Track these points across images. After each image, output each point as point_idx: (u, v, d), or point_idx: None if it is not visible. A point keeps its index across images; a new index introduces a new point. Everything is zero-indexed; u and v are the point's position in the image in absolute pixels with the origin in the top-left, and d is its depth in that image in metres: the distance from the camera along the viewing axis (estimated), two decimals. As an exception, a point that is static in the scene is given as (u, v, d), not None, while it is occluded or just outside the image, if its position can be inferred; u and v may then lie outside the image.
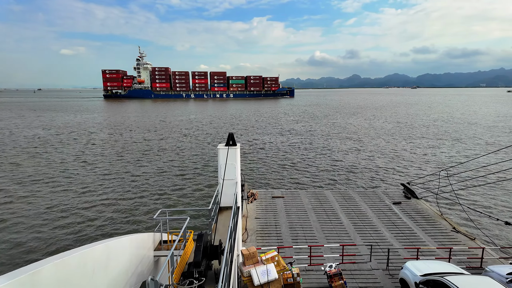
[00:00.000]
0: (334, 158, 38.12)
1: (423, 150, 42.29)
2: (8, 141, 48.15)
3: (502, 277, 9.89)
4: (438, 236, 15.28)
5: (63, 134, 55.79)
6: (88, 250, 5.97)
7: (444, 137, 52.35)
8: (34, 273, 4.55)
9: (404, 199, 20.17)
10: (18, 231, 18.98)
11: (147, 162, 36.31)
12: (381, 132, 57.94)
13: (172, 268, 6.68)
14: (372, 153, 40.63)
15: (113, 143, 48.12)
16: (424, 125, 67.02)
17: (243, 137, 53.27)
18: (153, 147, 44.79)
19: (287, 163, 35.62)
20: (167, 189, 26.92)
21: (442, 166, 32.34)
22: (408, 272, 10.68)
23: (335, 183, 28.75)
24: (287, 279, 10.06)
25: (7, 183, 27.74)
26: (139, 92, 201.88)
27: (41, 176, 29.99)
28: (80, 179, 29.40)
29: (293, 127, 67.05)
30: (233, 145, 11.64)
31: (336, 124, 71.77)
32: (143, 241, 8.73)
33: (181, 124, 70.88)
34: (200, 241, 7.59)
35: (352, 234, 15.43)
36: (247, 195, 19.99)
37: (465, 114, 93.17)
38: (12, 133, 56.92)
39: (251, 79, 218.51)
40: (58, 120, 78.37)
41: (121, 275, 7.19)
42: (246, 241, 14.67)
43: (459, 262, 12.65)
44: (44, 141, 48.59)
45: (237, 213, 10.52)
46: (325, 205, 19.04)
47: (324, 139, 51.24)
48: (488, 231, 18.63)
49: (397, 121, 74.95)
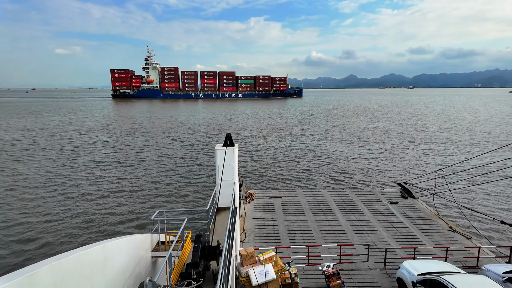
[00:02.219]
0: (332, 158, 38.23)
1: (420, 150, 42.53)
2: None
3: (498, 276, 9.96)
4: (434, 236, 15.38)
5: (56, 136, 55.47)
6: (86, 251, 5.95)
7: (443, 137, 52.70)
8: (31, 275, 4.54)
9: (401, 198, 20.26)
10: (14, 233, 18.84)
11: (145, 162, 36.20)
12: (380, 133, 58.19)
13: (170, 269, 6.68)
14: (370, 153, 40.80)
15: (111, 143, 47.93)
16: (428, 126, 67.19)
17: (243, 138, 53.27)
18: (153, 147, 44.66)
19: (286, 163, 35.68)
20: (165, 189, 26.84)
21: (439, 166, 32.53)
22: (405, 272, 10.73)
23: (333, 183, 28.83)
24: (285, 279, 10.07)
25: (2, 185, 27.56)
26: (148, 92, 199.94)
27: (35, 178, 29.81)
28: (76, 180, 29.24)
29: (293, 128, 67.16)
30: (231, 146, 11.64)
31: (335, 125, 71.93)
32: (141, 242, 8.72)
33: (184, 124, 70.76)
34: (198, 241, 7.60)
35: (350, 234, 15.48)
36: (245, 195, 20.00)
37: (473, 114, 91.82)
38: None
39: (260, 79, 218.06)
40: (47, 122, 77.76)
41: (119, 277, 7.17)
42: (244, 242, 14.67)
43: (456, 261, 12.73)
44: (27, 145, 48.25)
45: (235, 214, 10.52)
46: (322, 205, 19.09)
47: (322, 140, 51.36)
48: (484, 230, 18.78)
49: (399, 122, 74.67)
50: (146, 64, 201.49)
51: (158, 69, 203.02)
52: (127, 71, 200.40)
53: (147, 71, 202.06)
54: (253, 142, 48.86)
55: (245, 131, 60.76)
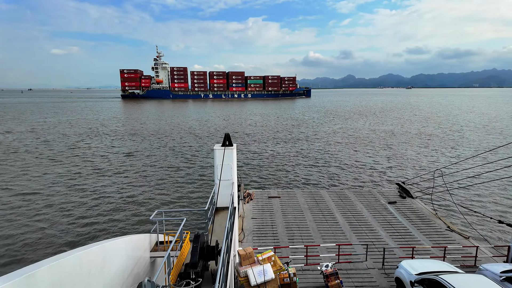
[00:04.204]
0: (330, 158, 38.28)
1: (418, 150, 42.65)
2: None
3: (495, 275, 10.00)
4: (433, 235, 15.43)
5: (50, 135, 55.29)
6: (84, 252, 5.93)
7: (440, 137, 52.86)
8: (29, 275, 4.52)
9: (399, 198, 20.31)
10: (12, 232, 18.76)
11: (143, 163, 36.12)
12: (380, 133, 58.31)
13: (169, 269, 6.68)
14: (368, 153, 40.87)
15: (110, 144, 47.81)
16: (432, 127, 67.40)
17: (244, 138, 53.26)
18: (152, 148, 44.59)
19: (285, 164, 35.70)
20: (164, 190, 26.79)
21: (437, 166, 32.63)
22: (403, 271, 10.76)
23: (331, 183, 28.87)
24: (284, 279, 10.08)
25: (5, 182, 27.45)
26: (157, 92, 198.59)
27: (34, 177, 29.70)
28: (75, 179, 29.15)
29: (293, 129, 67.19)
30: (230, 146, 11.65)
31: (337, 126, 72.02)
32: (139, 242, 8.70)
33: (188, 125, 70.63)
34: (197, 241, 7.60)
35: (348, 234, 15.51)
36: (244, 195, 20.00)
37: (482, 115, 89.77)
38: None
39: (269, 79, 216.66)
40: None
41: (117, 277, 7.15)
42: (242, 242, 14.67)
43: (454, 261, 12.79)
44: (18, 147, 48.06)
45: (233, 214, 10.53)
46: (321, 205, 19.11)
47: (321, 141, 51.41)
48: (482, 230, 18.85)
49: (401, 123, 74.59)
50: (156, 64, 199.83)
51: (167, 69, 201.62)
52: (137, 71, 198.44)
53: (156, 71, 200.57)
54: (253, 142, 48.85)
55: (249, 131, 60.75)
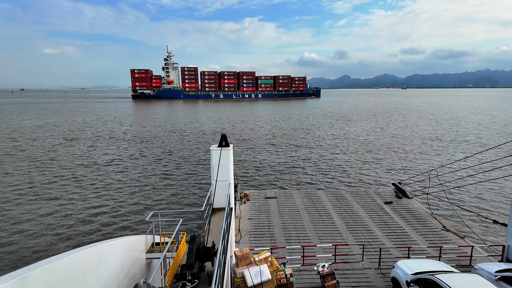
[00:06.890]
0: (328, 159, 38.37)
1: (415, 150, 42.90)
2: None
3: (491, 274, 10.08)
4: (428, 235, 15.51)
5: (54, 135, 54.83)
6: (79, 253, 5.87)
7: (438, 138, 53.23)
8: (23, 278, 4.46)
9: (396, 198, 20.40)
10: (6, 235, 18.55)
11: (141, 162, 35.94)
12: (379, 133, 58.57)
13: (165, 270, 6.64)
14: (366, 153, 41.03)
15: (107, 144, 47.52)
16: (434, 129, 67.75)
17: (246, 138, 53.21)
18: (152, 148, 44.38)
19: (283, 164, 35.71)
20: (160, 191, 26.68)
21: (433, 166, 32.83)
22: (399, 271, 10.80)
23: (328, 183, 28.93)
24: (280, 279, 10.07)
25: None
26: (168, 93, 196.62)
27: (29, 179, 29.41)
28: (70, 181, 28.91)
29: (290, 130, 67.26)
30: (226, 146, 11.61)
31: (333, 127, 72.21)
32: (135, 244, 8.65)
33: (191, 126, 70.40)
34: (193, 243, 7.56)
35: (345, 234, 15.55)
36: (240, 196, 19.97)
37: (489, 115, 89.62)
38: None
39: (279, 79, 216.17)
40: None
41: (113, 278, 7.10)
42: (239, 242, 14.64)
43: (449, 260, 12.87)
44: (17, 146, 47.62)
45: (230, 214, 10.49)
46: (317, 205, 19.14)
47: (320, 141, 51.53)
48: (477, 230, 19.01)
49: (403, 124, 74.57)
50: (166, 64, 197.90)
51: (178, 69, 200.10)
52: (147, 71, 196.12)
53: (167, 71, 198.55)
54: (253, 142, 48.84)
55: (252, 132, 60.72)
